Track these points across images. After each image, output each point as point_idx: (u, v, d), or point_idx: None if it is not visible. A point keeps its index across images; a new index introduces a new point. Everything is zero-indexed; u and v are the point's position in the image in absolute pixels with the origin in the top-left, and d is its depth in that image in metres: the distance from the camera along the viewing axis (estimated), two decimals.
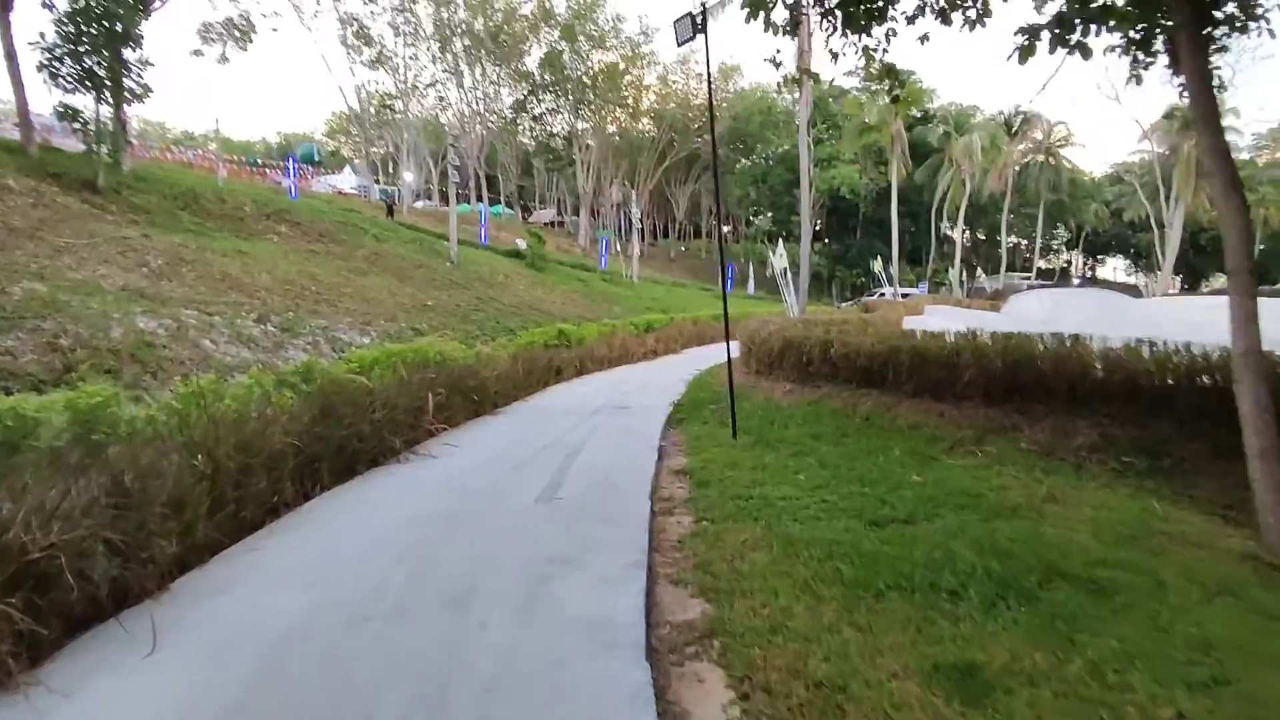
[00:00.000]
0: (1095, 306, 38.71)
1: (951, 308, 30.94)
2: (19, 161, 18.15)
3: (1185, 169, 41.14)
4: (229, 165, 40.81)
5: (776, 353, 8.92)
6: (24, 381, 8.53)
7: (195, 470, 3.57)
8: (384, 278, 22.39)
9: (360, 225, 27.45)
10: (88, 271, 13.16)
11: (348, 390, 5.52)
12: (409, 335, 17.97)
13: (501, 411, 8.71)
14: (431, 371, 7.43)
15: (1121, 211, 60.19)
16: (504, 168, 61.26)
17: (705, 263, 67.35)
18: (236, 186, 27.62)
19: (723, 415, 8.16)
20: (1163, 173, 44.63)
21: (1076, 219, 66.04)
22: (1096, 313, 29.31)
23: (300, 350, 13.89)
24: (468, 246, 31.99)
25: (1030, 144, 51.43)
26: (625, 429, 7.50)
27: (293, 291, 17.24)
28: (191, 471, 3.55)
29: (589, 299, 32.40)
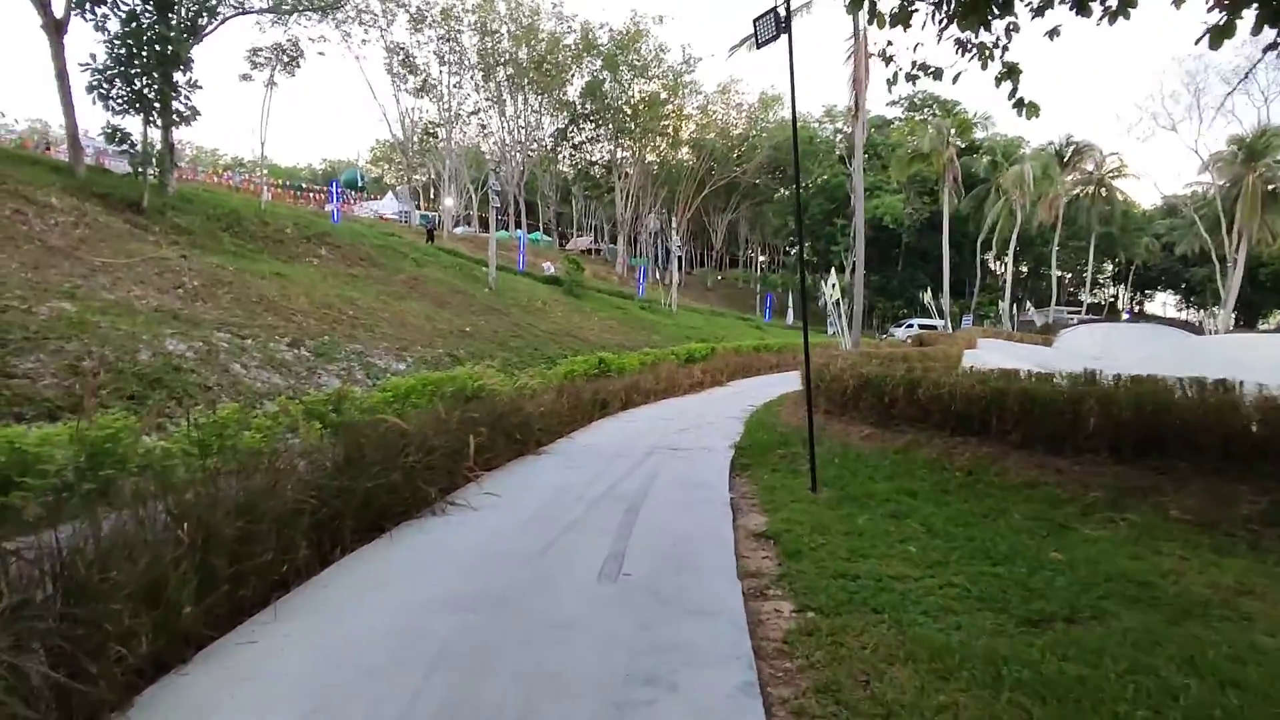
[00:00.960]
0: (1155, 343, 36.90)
1: (1004, 342, 29.67)
2: (66, 182, 18.12)
3: (1250, 201, 39.35)
4: (273, 189, 41.33)
5: (851, 391, 8.02)
6: (39, 407, 8.00)
7: (180, 542, 2.80)
8: (422, 303, 21.99)
9: (400, 250, 27.26)
10: (122, 292, 12.80)
11: (378, 433, 4.76)
12: (446, 362, 17.39)
13: (546, 451, 7.91)
14: (472, 409, 6.67)
15: (1173, 245, 58.08)
16: (543, 195, 61.47)
17: (742, 291, 66.64)
18: (279, 209, 27.66)
19: (794, 462, 7.26)
20: (1223, 205, 42.75)
21: (1126, 253, 63.97)
22: (1157, 349, 27.91)
23: (334, 376, 13.34)
24: (506, 272, 31.66)
25: (1080, 175, 49.88)
26: (686, 477, 6.64)
27: (330, 315, 16.81)
28: (175, 544, 2.78)
29: (627, 327, 31.75)
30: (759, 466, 7.28)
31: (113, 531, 2.68)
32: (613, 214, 63.97)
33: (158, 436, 8.39)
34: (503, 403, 7.16)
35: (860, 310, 17.62)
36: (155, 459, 7.01)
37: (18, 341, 8.84)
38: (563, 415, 9.11)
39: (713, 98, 58.36)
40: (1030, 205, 40.21)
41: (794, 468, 7.08)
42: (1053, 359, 26.58)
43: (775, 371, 21.14)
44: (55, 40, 19.59)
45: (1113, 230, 53.74)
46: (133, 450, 6.82)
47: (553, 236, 64.19)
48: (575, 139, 56.97)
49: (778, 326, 51.29)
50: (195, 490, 3.14)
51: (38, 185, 16.33)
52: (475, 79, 49.11)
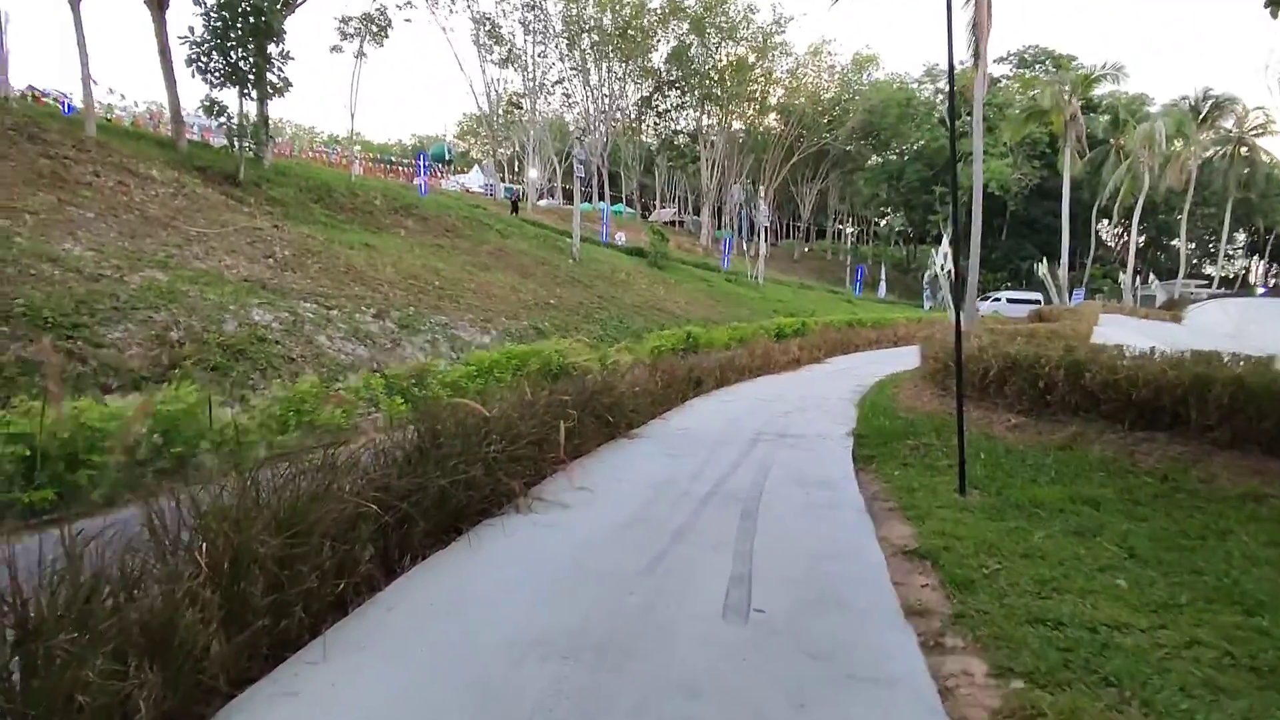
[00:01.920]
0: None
1: (1127, 318, 27.03)
2: (168, 156, 18.49)
3: None
4: (365, 164, 42.09)
5: (994, 373, 6.88)
6: (125, 377, 7.84)
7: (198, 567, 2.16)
8: (507, 274, 21.64)
9: (485, 221, 27.04)
10: (214, 261, 12.81)
11: (456, 419, 4.08)
12: (531, 335, 16.93)
13: (639, 435, 7.15)
14: (561, 388, 5.96)
15: None
16: (626, 166, 60.55)
17: (830, 263, 64.15)
18: (369, 183, 27.91)
19: (928, 455, 6.24)
20: None
21: (1266, 220, 57.81)
22: None
23: (418, 349, 13.02)
24: (590, 244, 31.10)
25: (1217, 133, 44.90)
26: (804, 471, 5.73)
27: (415, 286, 16.59)
28: (190, 572, 2.14)
29: (713, 299, 30.73)
30: (886, 459, 6.29)
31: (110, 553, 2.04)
32: (697, 185, 62.52)
33: (240, 408, 8.13)
34: (593, 382, 6.42)
35: (975, 284, 16.03)
36: (230, 435, 6.67)
37: (106, 311, 8.75)
38: (655, 394, 8.33)
39: (803, 60, 55.78)
40: (1159, 168, 36.44)
41: (929, 462, 6.07)
42: (1184, 337, 23.93)
43: (875, 348, 19.75)
44: (158, 16, 19.93)
45: (1251, 196, 48.41)
46: (208, 425, 6.49)
47: (635, 208, 63.30)
48: (660, 107, 55.71)
49: (869, 300, 49.01)
50: (228, 496, 2.48)
51: (142, 159, 16.65)
52: (560, 48, 48.52)
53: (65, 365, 7.41)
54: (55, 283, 8.97)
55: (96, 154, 15.35)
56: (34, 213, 11.16)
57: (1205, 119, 41.52)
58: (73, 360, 7.63)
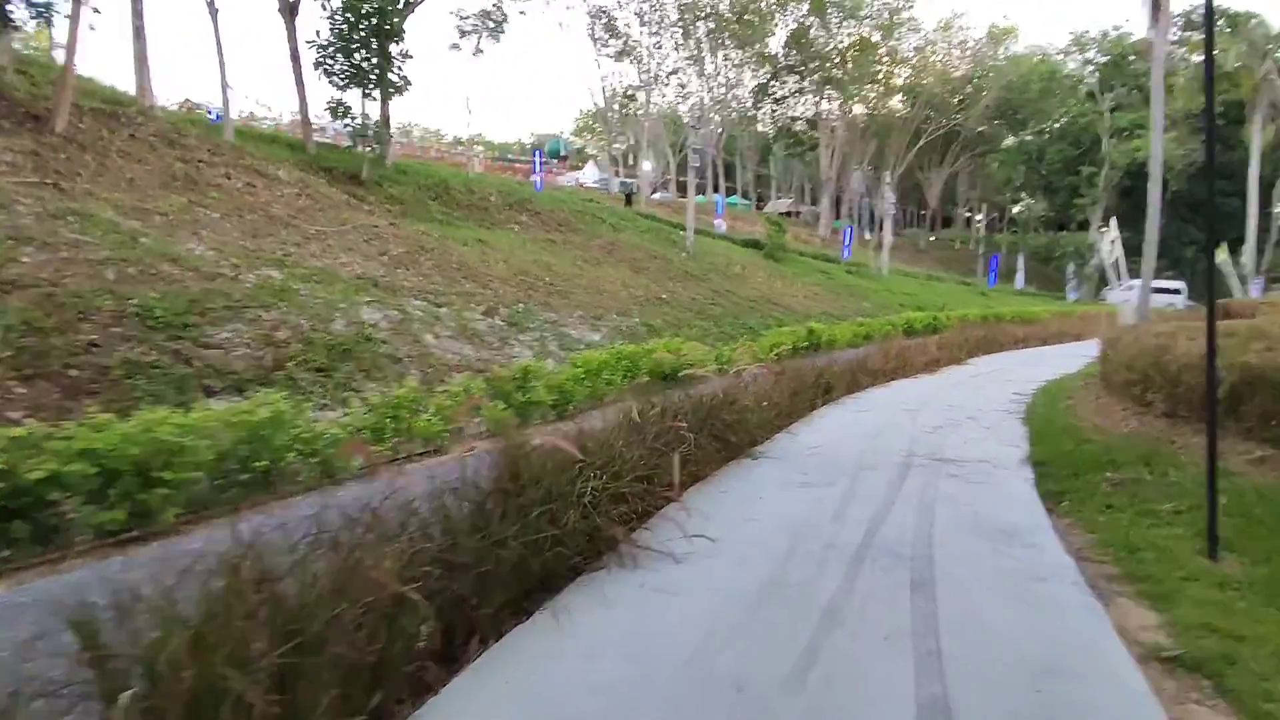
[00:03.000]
0: None
1: None
2: (297, 158, 19.07)
3: None
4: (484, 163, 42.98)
5: (1225, 390, 5.37)
6: (227, 380, 7.65)
7: None
8: (618, 268, 21.05)
9: (598, 215, 26.63)
10: (330, 259, 12.85)
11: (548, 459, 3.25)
12: (642, 332, 16.18)
13: (763, 455, 6.15)
14: (675, 404, 5.05)
15: None
16: (741, 156, 58.98)
17: (960, 253, 59.88)
18: (486, 179, 28.16)
19: (1140, 494, 4.89)
20: None
21: None
22: None
23: (526, 347, 12.53)
24: (703, 236, 30.11)
25: None
26: (982, 514, 4.55)
27: (526, 282, 16.22)
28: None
29: (833, 293, 28.97)
30: (1081, 498, 4.99)
31: None
32: (814, 174, 60.01)
33: (343, 412, 7.80)
34: (712, 398, 5.45)
35: (1150, 274, 13.79)
36: (324, 445, 6.24)
37: (218, 310, 8.68)
38: (781, 405, 7.28)
39: (932, 36, 52.18)
40: None
41: (1143, 504, 4.72)
42: None
43: (1022, 347, 17.63)
44: (289, 22, 20.63)
45: None
46: (300, 434, 6.08)
47: (750, 199, 61.57)
48: (777, 93, 53.67)
49: (1005, 292, 45.17)
50: None
51: (272, 161, 17.18)
52: (675, 38, 47.62)
53: (170, 366, 7.29)
54: (173, 281, 9.01)
55: (230, 157, 15.89)
56: (164, 214, 11.47)
57: None
58: (178, 361, 7.50)
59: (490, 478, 3.02)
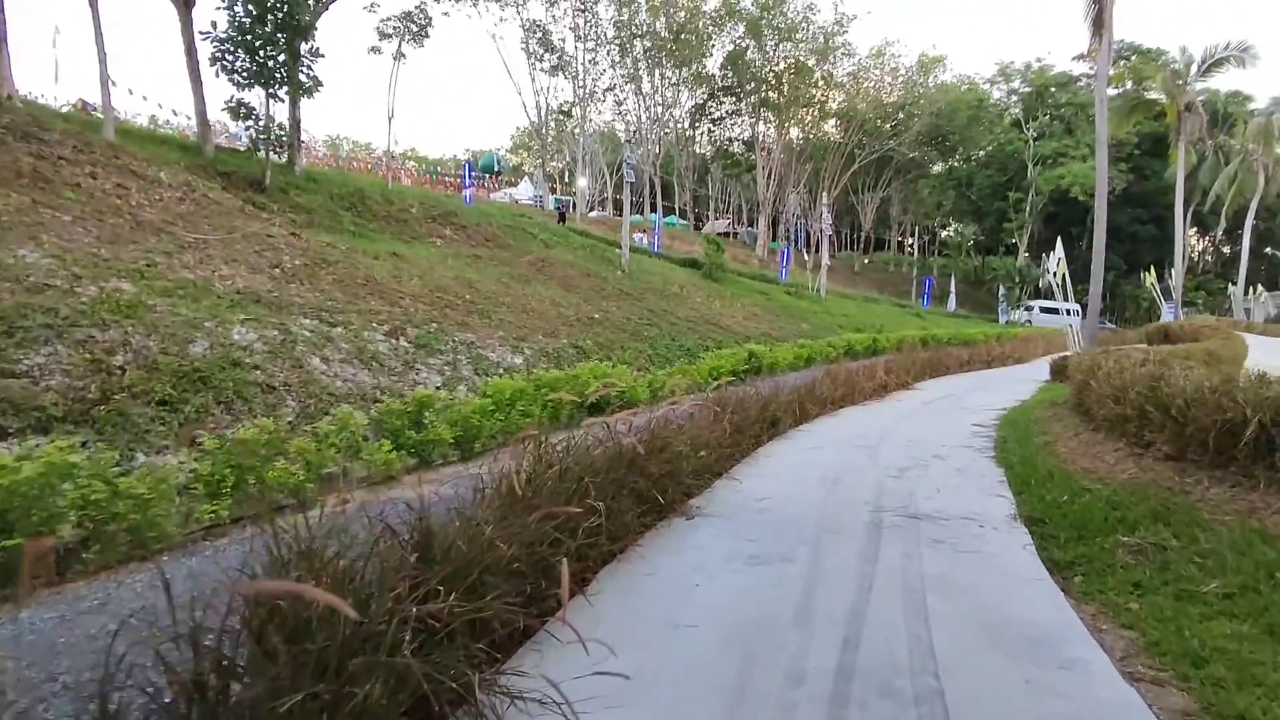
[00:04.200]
0: None
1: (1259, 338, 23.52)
2: (190, 160, 17.15)
3: None
4: (411, 176, 41.12)
5: (1252, 432, 4.42)
6: (28, 417, 6.02)
7: None
8: (548, 286, 19.73)
9: (529, 230, 25.27)
10: (206, 270, 11.14)
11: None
12: (570, 355, 14.88)
13: (700, 511, 4.94)
14: (583, 461, 3.76)
15: None
16: (679, 175, 58.61)
17: (893, 275, 60.80)
18: (407, 190, 26.49)
19: (1167, 563, 3.87)
20: None
21: None
22: None
23: (435, 372, 11.08)
24: (640, 254, 29.11)
25: None
26: (985, 605, 3.43)
27: (443, 300, 14.74)
28: None
29: (772, 314, 28.31)
30: (1096, 570, 3.95)
31: None
32: (751, 195, 60.11)
33: (184, 455, 6.25)
34: (632, 450, 4.14)
35: (1098, 299, 13.32)
36: (123, 510, 4.72)
37: (34, 329, 7.01)
38: (724, 444, 6.10)
39: (865, 62, 53.01)
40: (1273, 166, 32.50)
41: (1180, 582, 3.70)
42: None
43: (967, 369, 17.06)
44: (184, 14, 18.70)
45: None
46: (86, 494, 4.56)
47: (688, 220, 61.20)
48: (714, 114, 53.57)
49: (939, 314, 45.70)
50: None
51: (156, 162, 15.27)
52: (611, 54, 46.96)
53: None
54: None
55: (100, 156, 13.95)
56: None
57: None
58: None
59: None
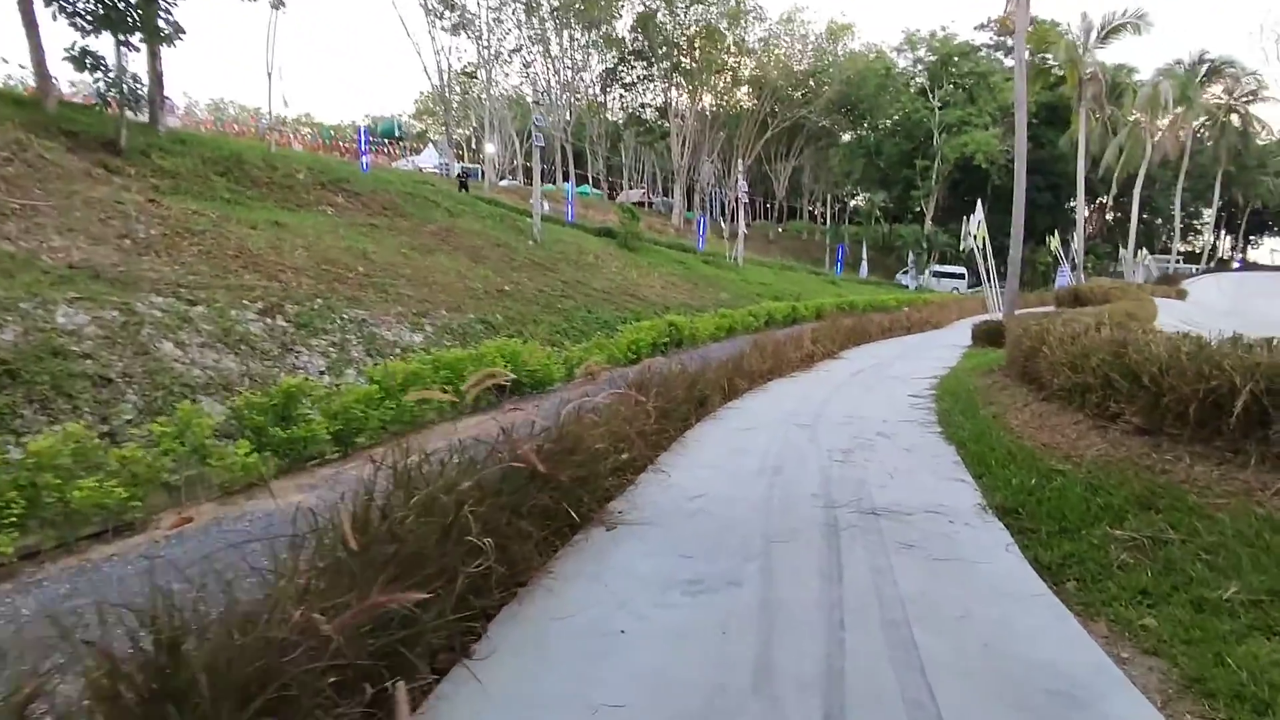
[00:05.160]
0: None
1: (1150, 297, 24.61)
2: (26, 116, 14.80)
3: None
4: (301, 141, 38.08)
5: (1244, 405, 3.91)
6: None
7: None
8: (454, 258, 18.34)
9: (431, 198, 23.56)
10: (32, 241, 9.40)
11: None
12: (478, 331, 13.71)
13: (623, 518, 4.09)
14: (467, 480, 2.80)
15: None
16: (591, 142, 57.05)
17: (807, 244, 61.56)
18: (293, 154, 24.25)
19: (1172, 564, 3.29)
20: None
21: (1245, 192, 56.01)
22: None
23: (319, 355, 9.78)
24: (553, 224, 27.86)
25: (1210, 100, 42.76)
26: (988, 641, 2.72)
27: (331, 273, 13.26)
28: None
29: (691, 283, 27.73)
30: (1091, 573, 3.36)
31: None
32: (666, 164, 59.23)
33: None
34: (531, 463, 3.19)
35: (1018, 258, 13.21)
36: None
37: None
38: (646, 433, 5.25)
39: (776, 29, 52.67)
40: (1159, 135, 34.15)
41: (1192, 586, 3.13)
42: (1198, 316, 21.60)
43: (889, 336, 16.87)
44: None
45: (1230, 168, 46.36)
46: None
47: (602, 189, 59.85)
48: (625, 79, 52.14)
49: (852, 281, 46.40)
50: None
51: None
52: (516, 13, 44.77)
53: None
54: None
55: None
56: None
57: (1200, 83, 39.33)
58: None
59: None
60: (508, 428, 3.32)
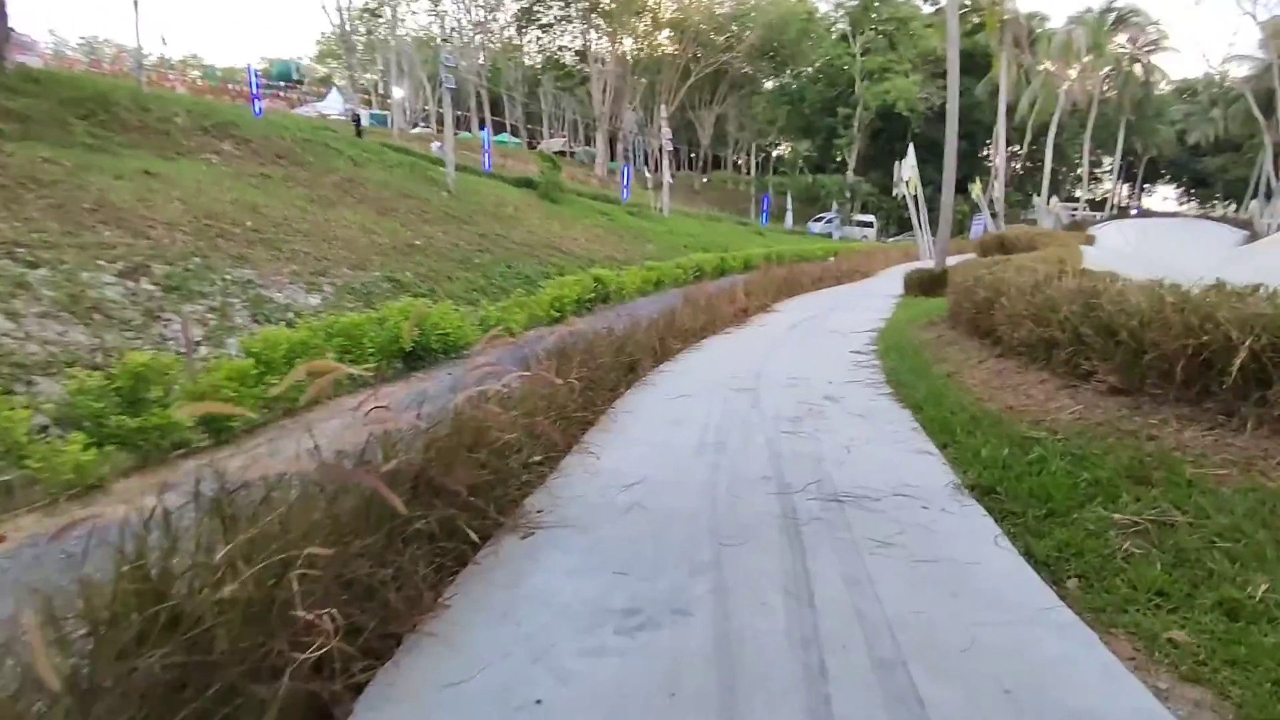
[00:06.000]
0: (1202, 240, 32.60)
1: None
2: None
3: None
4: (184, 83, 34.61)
5: (1244, 361, 3.48)
6: None
7: None
8: (358, 210, 16.87)
9: (334, 145, 21.68)
10: None
11: None
12: (384, 290, 12.55)
13: (543, 518, 3.38)
14: (330, 522, 1.99)
15: (1185, 133, 53.02)
16: (508, 88, 54.45)
17: (732, 194, 61.06)
18: (170, 96, 21.81)
19: (1178, 551, 2.82)
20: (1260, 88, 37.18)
21: (1144, 141, 58.44)
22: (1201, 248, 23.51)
23: (195, 322, 8.55)
24: (469, 174, 26.29)
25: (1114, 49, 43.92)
26: (999, 676, 2.19)
27: (214, 229, 11.80)
28: None
29: (616, 235, 26.83)
30: (1094, 569, 2.87)
31: None
32: (587, 111, 57.21)
33: None
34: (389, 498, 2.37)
35: (950, 201, 12.90)
36: None
37: None
38: (569, 409, 4.52)
39: None
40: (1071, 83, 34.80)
41: (1215, 582, 2.67)
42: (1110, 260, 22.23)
43: (821, 287, 16.51)
44: None
45: (1131, 117, 48.07)
46: None
47: (521, 138, 57.47)
48: (542, 19, 49.62)
49: (777, 231, 46.29)
50: None
51: None
52: None
53: None
54: None
55: None
56: None
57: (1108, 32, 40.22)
58: None
59: None
60: (378, 428, 2.50)
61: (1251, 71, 41.19)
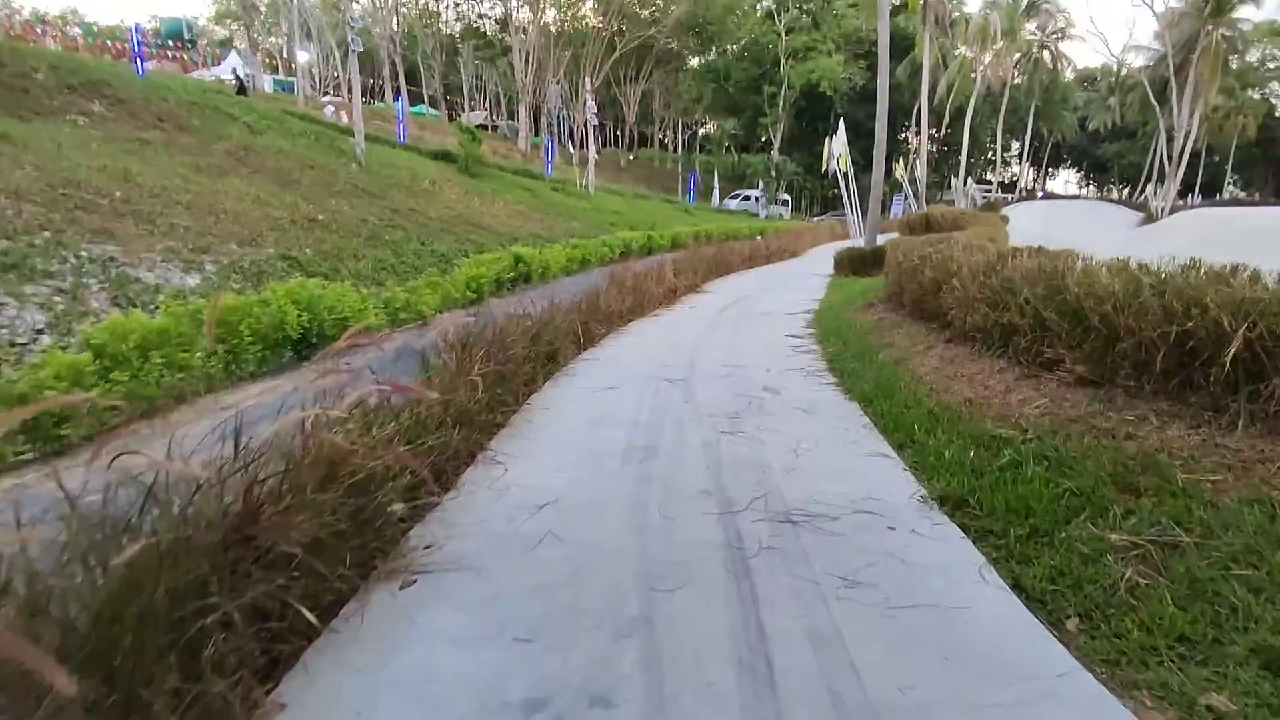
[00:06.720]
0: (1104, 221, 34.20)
1: None
2: None
3: (1214, 61, 36.11)
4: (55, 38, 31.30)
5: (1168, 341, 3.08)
6: None
7: None
8: (253, 181, 15.36)
9: (226, 109, 19.85)
10: None
11: None
12: (278, 270, 11.34)
13: (430, 559, 2.68)
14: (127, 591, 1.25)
15: (1086, 119, 55.64)
16: (425, 56, 52.02)
17: (659, 171, 60.48)
18: (28, 49, 19.46)
19: (1191, 578, 2.36)
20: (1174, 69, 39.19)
21: (1050, 126, 60.94)
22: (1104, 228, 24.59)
23: (37, 306, 7.32)
24: (383, 145, 24.74)
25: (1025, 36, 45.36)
26: None
27: (72, 199, 10.33)
28: None
29: (540, 212, 25.78)
30: (1096, 602, 2.39)
31: None
32: (509, 84, 55.29)
33: None
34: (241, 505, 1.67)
35: (880, 180, 12.63)
36: None
37: None
38: (472, 411, 3.79)
39: None
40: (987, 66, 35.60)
41: (1240, 627, 2.24)
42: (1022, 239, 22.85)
43: (750, 266, 16.10)
44: None
45: (1039, 102, 49.94)
46: None
47: (440, 110, 55.13)
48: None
49: (705, 210, 45.96)
50: None
51: None
52: None
53: None
54: None
55: None
56: None
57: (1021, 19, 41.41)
58: None
59: None
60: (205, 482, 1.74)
61: (1147, 61, 43.25)
